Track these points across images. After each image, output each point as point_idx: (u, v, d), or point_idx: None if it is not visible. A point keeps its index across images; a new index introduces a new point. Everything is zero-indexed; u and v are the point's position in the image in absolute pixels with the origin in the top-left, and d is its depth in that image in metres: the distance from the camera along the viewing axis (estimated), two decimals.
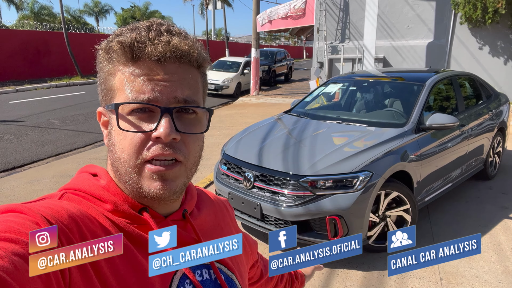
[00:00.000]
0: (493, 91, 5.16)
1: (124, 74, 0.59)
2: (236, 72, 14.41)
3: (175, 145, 0.59)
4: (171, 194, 0.60)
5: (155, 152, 0.58)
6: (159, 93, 0.58)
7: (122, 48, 0.58)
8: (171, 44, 0.59)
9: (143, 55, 0.58)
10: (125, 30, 0.60)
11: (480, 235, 0.51)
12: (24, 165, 5.76)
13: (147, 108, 0.59)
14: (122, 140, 0.59)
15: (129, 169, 0.59)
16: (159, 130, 0.57)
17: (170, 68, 0.59)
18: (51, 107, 10.56)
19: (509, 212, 3.90)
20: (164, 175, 0.59)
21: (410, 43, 11.70)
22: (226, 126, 8.25)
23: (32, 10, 29.65)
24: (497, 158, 4.94)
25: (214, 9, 27.15)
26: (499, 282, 2.77)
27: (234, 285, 0.71)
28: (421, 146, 3.42)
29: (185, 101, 0.60)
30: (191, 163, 0.63)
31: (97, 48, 0.62)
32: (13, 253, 0.44)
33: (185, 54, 0.60)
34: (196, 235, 0.67)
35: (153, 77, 0.58)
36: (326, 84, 4.96)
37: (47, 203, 0.55)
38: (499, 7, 9.86)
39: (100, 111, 0.66)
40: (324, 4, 12.70)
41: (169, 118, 0.58)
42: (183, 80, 0.60)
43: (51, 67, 18.60)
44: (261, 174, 3.14)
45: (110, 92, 0.61)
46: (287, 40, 64.87)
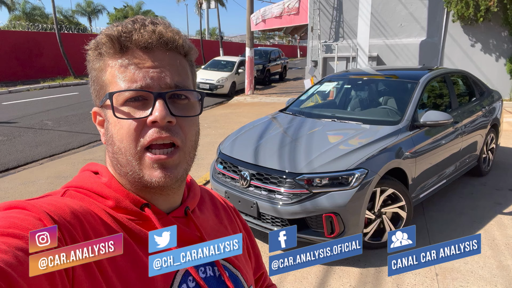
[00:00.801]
0: (486, 88, 5.20)
1: (114, 67, 0.60)
2: (230, 71, 14.38)
3: (171, 128, 0.60)
4: (173, 181, 0.61)
5: (152, 136, 0.59)
6: (150, 79, 0.59)
7: (110, 40, 0.59)
8: (156, 31, 0.60)
9: (130, 44, 0.59)
10: (111, 25, 0.62)
11: (480, 235, 0.52)
12: (18, 166, 5.72)
13: (140, 96, 0.59)
14: (120, 130, 0.60)
15: (130, 158, 0.60)
16: (154, 114, 0.58)
17: (158, 55, 0.61)
18: (44, 108, 10.48)
19: (503, 208, 3.94)
20: (165, 163, 0.60)
21: (403, 41, 11.76)
22: (221, 126, 8.24)
23: (24, 11, 29.35)
24: (490, 154, 4.98)
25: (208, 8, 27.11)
26: (494, 277, 2.80)
27: (239, 281, 0.71)
28: (416, 143, 3.44)
29: (176, 86, 0.61)
30: (189, 147, 0.63)
31: (86, 49, 0.63)
32: (16, 248, 0.44)
33: (171, 40, 0.61)
34: (199, 232, 0.68)
35: (143, 65, 0.59)
36: (321, 82, 4.98)
37: (50, 200, 0.56)
38: (491, 5, 9.94)
39: (95, 111, 0.66)
40: (318, 3, 12.72)
41: (163, 102, 0.59)
42: (172, 66, 0.62)
43: (44, 68, 18.45)
44: (257, 173, 3.14)
45: (103, 87, 0.62)
46: (281, 39, 64.88)
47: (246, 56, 13.95)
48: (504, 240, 3.31)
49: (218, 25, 34.54)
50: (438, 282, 2.77)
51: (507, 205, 4.01)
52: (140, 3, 41.27)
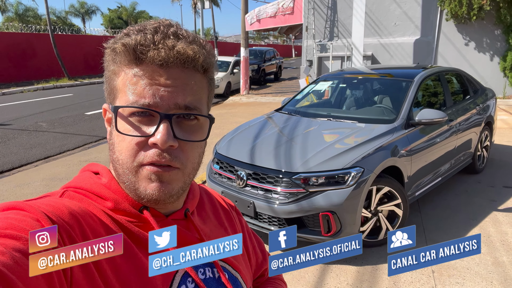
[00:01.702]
0: (480, 86, 5.24)
1: (128, 76, 0.59)
2: (225, 71, 14.37)
3: (172, 152, 0.58)
4: (167, 197, 0.60)
5: (151, 158, 0.58)
6: (159, 98, 0.57)
7: (126, 50, 0.57)
8: (175, 49, 0.57)
9: (145, 59, 0.57)
10: (133, 30, 0.59)
11: (480, 235, 0.52)
12: (13, 168, 5.67)
13: (147, 112, 0.58)
14: (121, 142, 0.59)
15: (126, 171, 0.59)
16: (156, 136, 0.57)
17: (173, 73, 0.58)
18: (38, 110, 10.41)
19: (498, 205, 3.97)
20: (161, 176, 0.59)
21: (397, 40, 11.81)
22: (217, 126, 8.22)
23: (16, 12, 29.16)
24: (485, 152, 5.02)
25: (202, 8, 27.06)
26: (490, 273, 2.82)
27: (238, 283, 0.71)
28: (411, 141, 3.46)
29: (186, 108, 0.59)
30: (189, 169, 0.62)
31: (105, 46, 0.62)
32: (14, 249, 0.44)
33: (189, 59, 0.59)
34: (198, 234, 0.67)
35: (155, 81, 0.57)
36: (316, 82, 4.99)
37: (48, 200, 0.55)
38: (484, 3, 10.02)
39: (105, 107, 0.65)
40: (312, 2, 12.74)
41: (168, 125, 0.57)
42: (186, 86, 0.59)
43: (37, 69, 18.32)
44: (253, 172, 3.15)
45: (113, 91, 0.61)
46: (276, 39, 64.93)
47: (241, 56, 13.94)
48: (499, 237, 3.34)
49: (213, 25, 34.51)
50: (434, 279, 2.78)
51: (501, 202, 4.04)
52: (134, 4, 41.15)
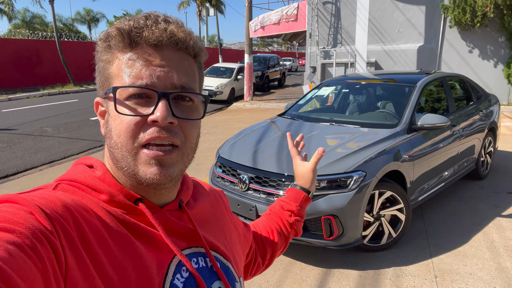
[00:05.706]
0: (483, 92, 5.24)
1: (122, 60, 0.60)
2: (229, 78, 14.45)
3: (172, 129, 0.60)
4: (167, 180, 0.61)
5: (151, 135, 0.58)
6: (156, 78, 0.59)
7: (120, 33, 0.59)
8: (168, 30, 0.60)
9: (140, 40, 0.59)
10: (123, 19, 0.62)
11: None
12: (18, 173, 5.72)
13: (144, 93, 0.59)
14: (119, 124, 0.59)
15: (125, 154, 0.60)
16: (156, 113, 0.58)
17: (167, 54, 0.60)
18: (44, 115, 10.50)
19: (502, 211, 3.95)
20: (162, 160, 0.59)
21: (401, 47, 11.84)
22: (221, 131, 8.26)
23: (23, 19, 29.55)
24: (488, 158, 5.00)
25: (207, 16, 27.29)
26: (493, 279, 2.80)
27: (230, 272, 0.72)
28: (413, 146, 3.46)
29: (182, 88, 0.61)
30: (188, 149, 0.63)
31: (96, 41, 0.63)
32: (7, 242, 0.43)
33: (182, 40, 0.61)
34: (192, 225, 0.68)
35: (150, 62, 0.59)
36: (319, 87, 5.01)
37: (41, 193, 0.55)
38: (488, 11, 10.04)
39: (98, 101, 0.66)
40: (316, 9, 12.83)
41: (166, 102, 0.59)
42: (180, 66, 0.61)
43: (43, 75, 18.51)
44: (256, 176, 3.15)
45: (108, 79, 0.62)
46: (280, 46, 65.20)
47: (245, 62, 14.03)
48: (503, 242, 3.31)
49: (217, 33, 34.69)
50: (437, 284, 2.76)
51: (505, 208, 4.02)
52: (139, 11, 41.52)
